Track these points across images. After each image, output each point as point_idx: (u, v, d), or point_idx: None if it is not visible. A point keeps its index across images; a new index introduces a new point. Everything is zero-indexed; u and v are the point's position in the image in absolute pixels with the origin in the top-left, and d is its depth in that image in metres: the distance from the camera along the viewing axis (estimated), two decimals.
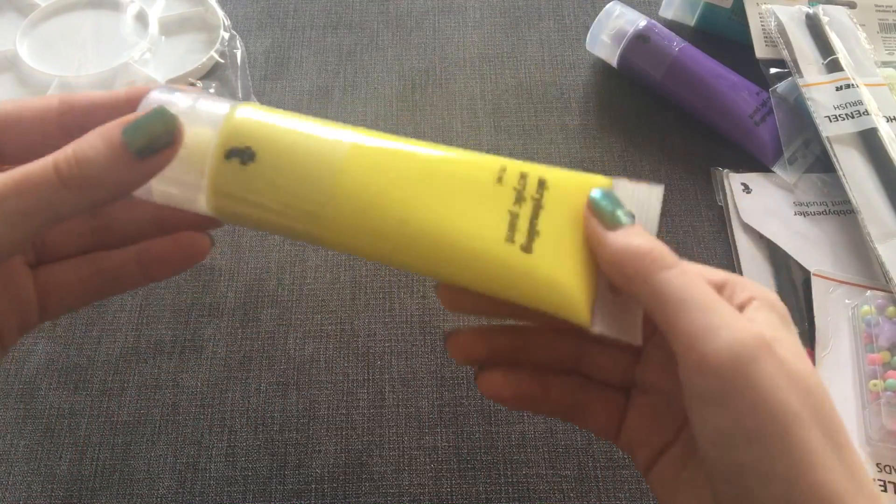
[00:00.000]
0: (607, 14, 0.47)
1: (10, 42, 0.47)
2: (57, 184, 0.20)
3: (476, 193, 0.23)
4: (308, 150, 0.23)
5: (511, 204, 0.23)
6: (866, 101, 0.42)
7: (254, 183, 0.23)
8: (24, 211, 0.20)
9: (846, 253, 0.40)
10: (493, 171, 0.23)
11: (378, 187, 0.23)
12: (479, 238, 0.22)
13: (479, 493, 0.34)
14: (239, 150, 0.23)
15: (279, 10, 0.52)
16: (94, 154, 0.21)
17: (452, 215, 0.23)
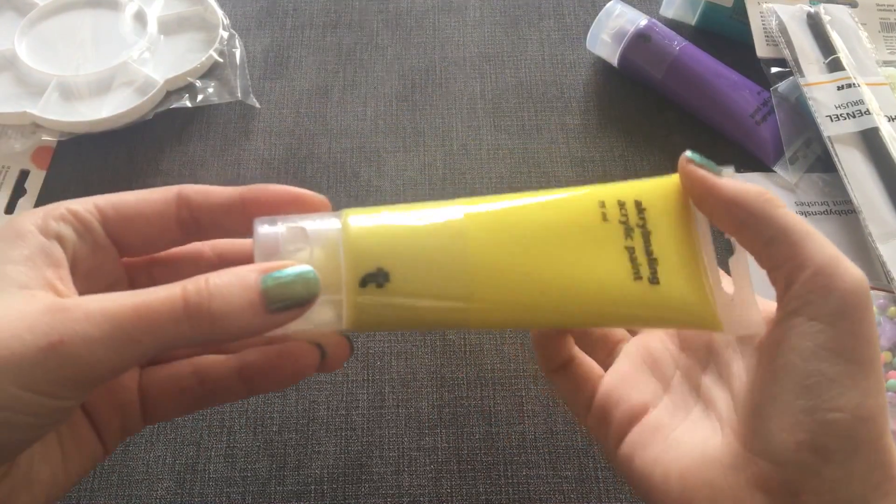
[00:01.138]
0: (608, 13, 0.47)
1: (9, 41, 0.47)
2: (181, 316, 0.20)
3: (591, 240, 0.24)
4: (436, 250, 0.23)
5: (623, 239, 0.24)
6: (868, 100, 0.42)
7: (394, 301, 0.23)
8: (137, 339, 0.20)
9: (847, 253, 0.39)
10: (595, 210, 0.24)
11: (510, 268, 0.23)
12: (611, 287, 0.24)
13: (479, 495, 0.34)
14: (372, 274, 0.22)
15: (278, 9, 0.52)
16: (230, 297, 0.20)
17: (582, 272, 0.24)
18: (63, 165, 0.45)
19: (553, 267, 0.23)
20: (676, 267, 0.24)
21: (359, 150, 0.46)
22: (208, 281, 0.20)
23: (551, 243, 0.24)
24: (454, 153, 0.46)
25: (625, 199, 0.24)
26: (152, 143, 0.46)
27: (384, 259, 0.23)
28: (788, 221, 0.22)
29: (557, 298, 0.24)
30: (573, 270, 0.24)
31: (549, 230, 0.24)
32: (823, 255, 0.22)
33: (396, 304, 0.23)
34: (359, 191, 0.44)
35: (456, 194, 0.44)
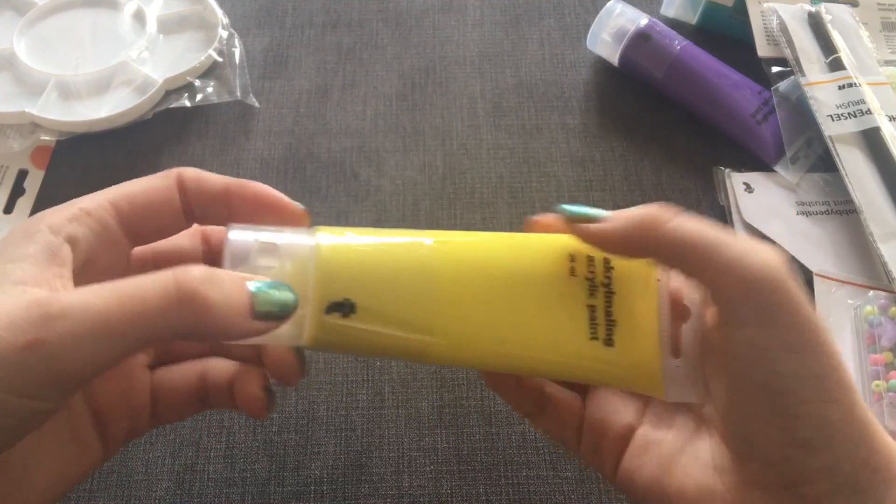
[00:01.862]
0: (608, 12, 0.47)
1: (8, 41, 0.47)
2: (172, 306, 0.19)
3: (556, 293, 0.24)
4: (404, 284, 0.24)
5: (587, 297, 0.25)
6: (869, 100, 0.42)
7: (356, 329, 0.23)
8: (121, 333, 0.19)
9: (849, 253, 0.40)
10: (564, 263, 0.25)
11: (473, 310, 0.24)
12: (567, 343, 0.24)
13: (479, 495, 0.34)
14: (339, 304, 0.23)
15: (278, 9, 0.52)
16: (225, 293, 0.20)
17: (541, 324, 0.24)
18: (62, 165, 0.45)
19: (514, 315, 0.24)
20: (632, 332, 0.25)
21: (358, 150, 0.46)
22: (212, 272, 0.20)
23: (517, 290, 0.24)
24: (454, 153, 0.45)
25: (595, 255, 0.25)
26: (151, 143, 0.46)
27: (352, 290, 0.23)
28: (682, 235, 0.22)
29: (514, 347, 0.24)
30: (533, 321, 0.24)
31: (516, 276, 0.25)
32: (729, 256, 0.21)
33: (358, 333, 0.23)
34: (359, 190, 0.44)
35: (456, 194, 0.44)
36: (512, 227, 0.42)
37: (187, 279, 0.20)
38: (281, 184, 0.44)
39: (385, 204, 0.43)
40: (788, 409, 0.21)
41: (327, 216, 0.43)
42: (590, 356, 0.24)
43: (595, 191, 0.44)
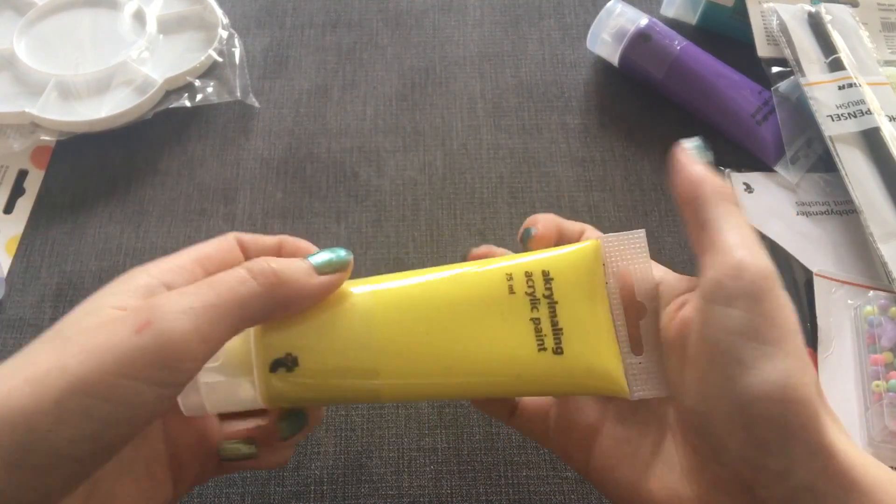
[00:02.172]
0: (608, 12, 0.47)
1: (8, 41, 0.47)
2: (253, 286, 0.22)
3: (497, 313, 0.25)
4: (343, 332, 0.25)
5: (529, 311, 0.25)
6: (869, 100, 0.42)
7: (305, 382, 0.24)
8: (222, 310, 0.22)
9: (849, 253, 0.40)
10: (502, 284, 0.25)
11: (415, 347, 0.25)
12: (516, 360, 0.25)
13: (479, 495, 0.34)
14: (281, 360, 0.24)
15: (278, 9, 0.52)
16: (290, 265, 0.24)
17: (486, 347, 0.25)
18: (62, 165, 0.45)
19: (458, 343, 0.25)
20: (582, 336, 0.25)
21: (358, 150, 0.46)
22: (268, 260, 0.24)
23: (457, 319, 0.25)
24: (454, 153, 0.45)
25: (532, 270, 0.25)
26: (151, 143, 0.46)
27: (292, 345, 0.24)
28: (722, 212, 0.24)
29: (462, 374, 0.25)
30: (478, 346, 0.25)
31: (455, 306, 0.25)
32: (738, 243, 0.23)
33: (307, 385, 0.24)
34: (358, 190, 0.44)
35: (456, 194, 0.44)
36: (512, 227, 0.42)
37: (255, 263, 0.23)
38: (281, 184, 0.44)
39: (385, 204, 0.43)
40: (749, 404, 0.21)
41: (327, 216, 0.43)
42: (541, 369, 0.25)
43: (595, 191, 0.44)
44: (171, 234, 0.42)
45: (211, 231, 0.42)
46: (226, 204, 0.43)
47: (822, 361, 0.37)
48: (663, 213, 0.43)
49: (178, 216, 0.43)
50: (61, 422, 0.19)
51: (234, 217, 0.43)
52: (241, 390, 0.24)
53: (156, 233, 0.42)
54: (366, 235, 0.42)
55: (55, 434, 0.19)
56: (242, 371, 0.24)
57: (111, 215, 0.43)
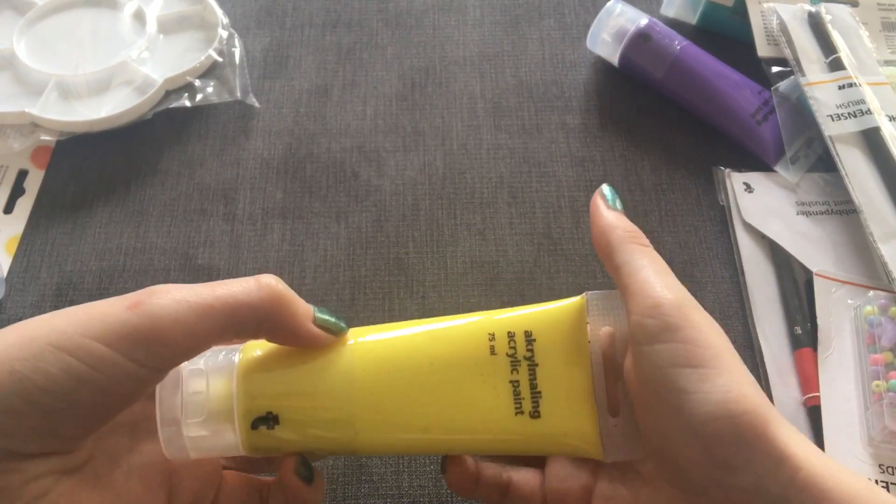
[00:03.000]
0: (608, 12, 0.47)
1: (8, 41, 0.47)
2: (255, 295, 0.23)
3: (477, 374, 0.25)
4: (323, 390, 0.25)
5: (509, 373, 0.25)
6: (869, 100, 0.42)
7: (285, 437, 0.25)
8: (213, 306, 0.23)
9: (849, 253, 0.40)
10: (484, 343, 0.25)
11: (393, 405, 0.25)
12: (492, 421, 0.25)
13: None
14: (262, 418, 0.25)
15: (278, 9, 0.52)
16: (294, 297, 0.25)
17: (464, 407, 0.25)
18: (62, 165, 0.45)
19: (436, 402, 0.25)
20: (560, 400, 0.25)
21: (359, 150, 0.46)
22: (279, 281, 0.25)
23: (436, 377, 0.25)
24: (454, 153, 0.45)
25: (515, 329, 0.26)
26: (151, 143, 0.46)
27: (273, 403, 0.25)
28: (630, 255, 0.25)
29: (439, 431, 0.25)
30: (456, 406, 0.25)
31: (434, 364, 0.25)
32: (648, 281, 0.24)
33: (287, 439, 0.25)
34: (359, 190, 0.44)
35: (456, 194, 0.44)
36: (512, 227, 0.42)
37: (266, 278, 0.24)
38: (281, 184, 0.44)
39: (385, 204, 0.43)
40: (700, 427, 0.22)
41: (327, 216, 0.43)
42: (517, 431, 0.25)
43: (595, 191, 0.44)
44: (171, 234, 0.42)
45: (211, 231, 0.42)
46: (226, 204, 0.43)
47: (822, 361, 0.37)
48: (663, 213, 0.43)
49: (178, 216, 0.43)
50: (37, 370, 0.20)
51: (234, 217, 0.43)
52: (223, 440, 0.25)
53: (156, 233, 0.42)
54: (366, 235, 0.42)
55: (31, 381, 0.20)
56: (225, 422, 0.25)
57: (111, 215, 0.43)
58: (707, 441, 0.22)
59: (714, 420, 0.21)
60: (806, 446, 0.22)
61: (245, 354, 0.26)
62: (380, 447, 0.26)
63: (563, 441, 0.25)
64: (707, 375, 0.22)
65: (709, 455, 0.22)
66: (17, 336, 0.21)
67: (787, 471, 0.21)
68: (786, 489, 0.21)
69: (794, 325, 0.38)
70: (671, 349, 0.22)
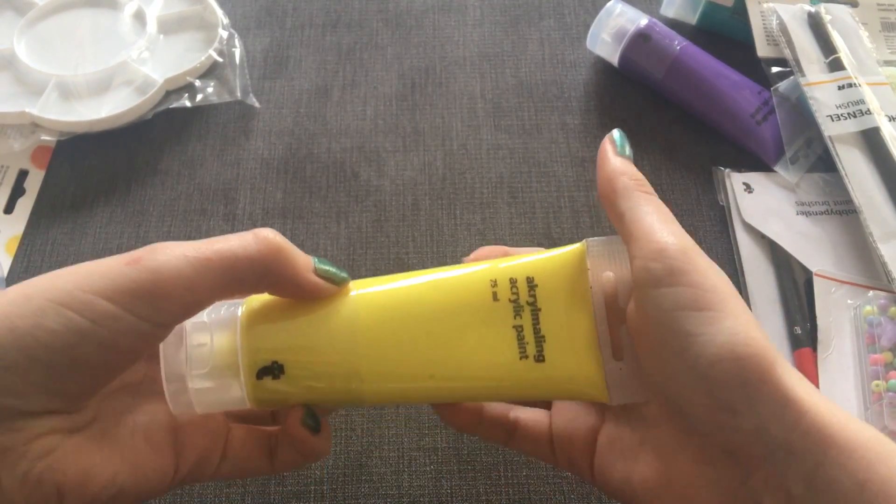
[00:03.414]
0: (608, 12, 0.47)
1: (8, 41, 0.47)
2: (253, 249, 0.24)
3: (481, 320, 0.25)
4: (327, 338, 0.25)
5: (512, 318, 0.25)
6: (868, 100, 0.42)
7: (290, 387, 0.25)
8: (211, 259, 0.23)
9: (848, 253, 0.40)
10: (486, 290, 0.25)
11: (398, 353, 0.25)
12: (497, 366, 0.25)
13: (479, 495, 0.34)
14: (267, 368, 0.25)
15: (278, 9, 0.52)
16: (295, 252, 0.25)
17: (469, 353, 0.25)
18: (62, 165, 0.45)
19: (441, 349, 0.25)
20: (564, 344, 0.25)
21: (359, 150, 0.46)
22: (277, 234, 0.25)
23: (440, 325, 0.25)
24: (454, 153, 0.45)
25: (517, 276, 0.26)
26: (152, 143, 0.46)
27: (278, 353, 0.25)
28: (636, 201, 0.25)
29: (444, 379, 0.25)
30: (460, 352, 0.25)
31: (438, 312, 0.25)
32: (654, 227, 0.24)
33: (293, 390, 0.25)
34: (359, 190, 0.44)
35: (456, 194, 0.44)
36: (512, 227, 0.42)
37: (264, 231, 0.24)
38: (281, 183, 0.44)
39: (385, 204, 0.43)
40: (706, 369, 0.21)
41: (327, 216, 0.43)
42: (522, 376, 0.25)
43: (595, 191, 0.44)
44: (172, 234, 0.42)
45: (211, 231, 0.42)
46: (226, 204, 0.43)
47: (822, 361, 0.37)
48: None
49: (178, 216, 0.43)
50: (38, 326, 0.20)
51: (235, 217, 0.43)
52: (229, 392, 0.25)
53: (156, 233, 0.42)
54: (366, 235, 0.42)
55: (32, 337, 0.20)
56: (230, 374, 0.25)
57: (111, 215, 0.43)
58: (712, 383, 0.21)
59: (719, 362, 0.21)
60: (812, 391, 0.22)
61: (248, 307, 0.26)
62: (385, 395, 0.26)
63: (568, 385, 0.25)
64: (713, 318, 0.22)
65: (713, 397, 0.22)
66: (16, 294, 0.21)
67: (792, 414, 0.21)
68: (789, 433, 0.21)
69: (793, 325, 0.38)
70: (676, 292, 0.22)
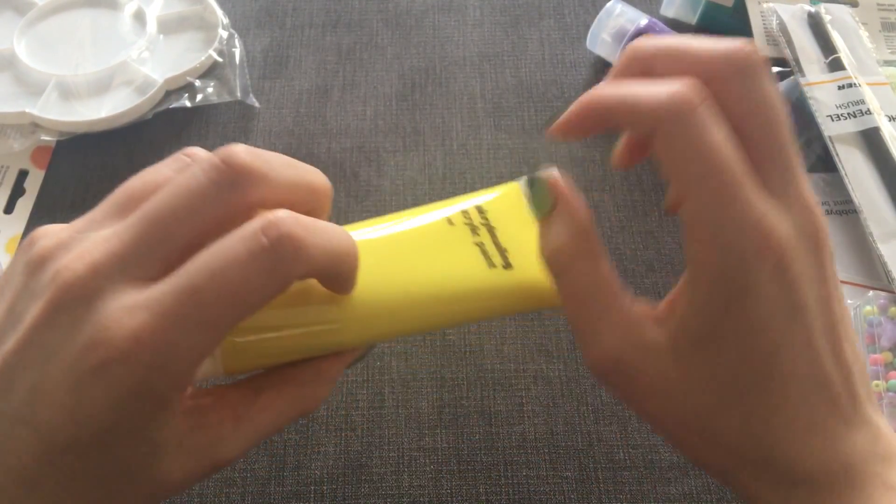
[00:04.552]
0: (608, 12, 0.47)
1: (8, 41, 0.47)
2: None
3: (442, 243, 0.26)
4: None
5: (472, 237, 0.26)
6: (868, 100, 0.42)
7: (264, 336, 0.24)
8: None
9: (848, 253, 0.40)
10: (440, 220, 0.26)
11: (370, 275, 0.24)
12: (469, 280, 0.25)
13: (479, 495, 0.34)
14: None
15: (278, 9, 0.52)
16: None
17: (439, 273, 0.25)
18: (62, 165, 0.45)
19: (410, 270, 0.25)
20: (525, 253, 0.26)
21: (358, 150, 0.46)
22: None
23: (404, 252, 0.26)
24: (454, 153, 0.45)
25: (466, 208, 0.27)
26: (151, 143, 0.46)
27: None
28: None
29: (422, 302, 0.25)
30: (430, 270, 0.25)
31: (400, 242, 0.26)
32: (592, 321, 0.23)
33: (267, 337, 0.24)
34: (358, 191, 0.44)
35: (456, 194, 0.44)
36: None
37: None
38: None
39: (385, 204, 0.43)
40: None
41: None
42: (495, 283, 0.25)
43: (595, 191, 0.44)
44: None
45: None
46: None
47: None
48: (663, 213, 0.43)
49: None
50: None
51: None
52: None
53: None
54: None
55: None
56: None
57: None
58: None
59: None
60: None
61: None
62: (365, 327, 0.25)
63: (540, 287, 0.26)
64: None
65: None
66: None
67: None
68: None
69: None
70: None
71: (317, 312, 0.24)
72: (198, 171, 0.21)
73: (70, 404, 0.19)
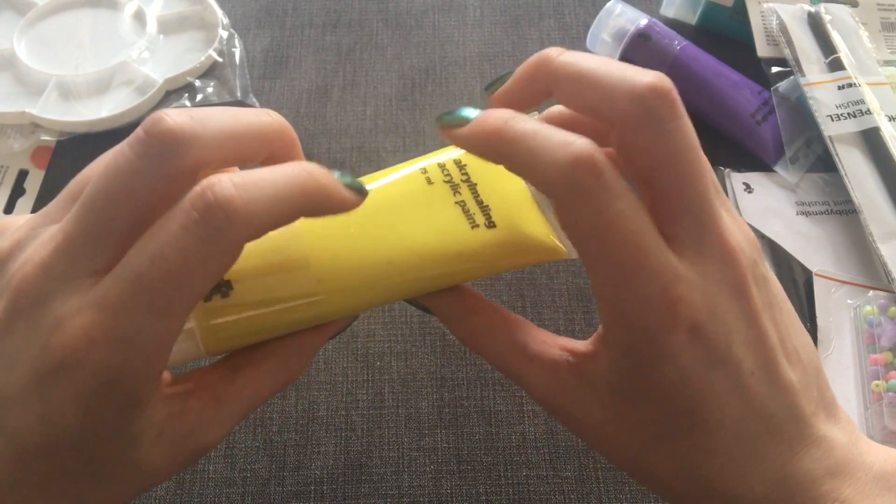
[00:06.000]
0: (608, 12, 0.47)
1: (8, 41, 0.47)
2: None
3: (423, 204, 0.25)
4: (274, 251, 0.23)
5: (452, 196, 0.25)
6: (868, 100, 0.42)
7: (243, 311, 0.23)
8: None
9: (848, 253, 0.40)
10: (419, 178, 0.26)
11: (350, 250, 0.24)
12: (452, 241, 0.25)
13: (479, 495, 0.34)
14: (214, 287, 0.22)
15: (278, 9, 0.52)
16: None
17: (420, 235, 0.24)
18: (62, 165, 0.45)
19: (392, 235, 0.24)
20: (509, 209, 0.25)
21: (359, 150, 0.46)
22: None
23: (385, 215, 0.25)
24: None
25: (444, 162, 0.26)
26: None
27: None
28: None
29: (403, 266, 0.24)
30: (412, 234, 0.24)
31: (380, 206, 0.25)
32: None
33: (247, 314, 0.23)
34: None
35: None
36: None
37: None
38: None
39: None
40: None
41: None
42: (479, 244, 0.25)
43: None
44: None
45: None
46: None
47: (822, 361, 0.37)
48: None
49: None
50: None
51: None
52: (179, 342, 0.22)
53: None
54: None
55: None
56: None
57: None
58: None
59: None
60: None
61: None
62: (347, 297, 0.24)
63: (525, 245, 0.25)
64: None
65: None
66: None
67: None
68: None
69: None
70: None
71: (296, 285, 0.23)
72: (125, 146, 0.20)
73: (37, 409, 0.19)
